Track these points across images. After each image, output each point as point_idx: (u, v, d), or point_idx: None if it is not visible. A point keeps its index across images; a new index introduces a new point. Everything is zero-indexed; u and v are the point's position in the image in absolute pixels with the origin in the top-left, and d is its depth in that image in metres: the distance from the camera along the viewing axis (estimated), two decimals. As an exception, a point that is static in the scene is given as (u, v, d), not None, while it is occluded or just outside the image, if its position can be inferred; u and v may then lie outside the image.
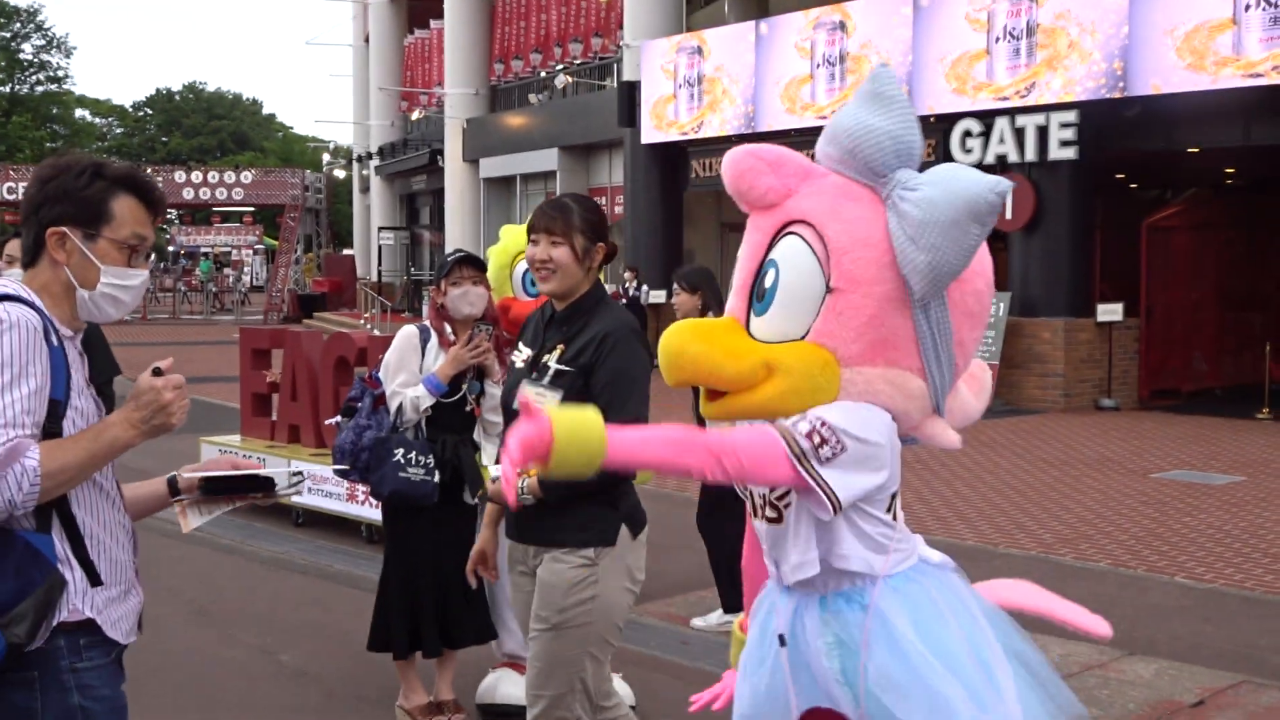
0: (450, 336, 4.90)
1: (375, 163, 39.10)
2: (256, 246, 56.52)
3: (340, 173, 50.43)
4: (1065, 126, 15.61)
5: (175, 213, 54.38)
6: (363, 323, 28.31)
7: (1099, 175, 16.66)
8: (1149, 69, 14.71)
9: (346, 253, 45.29)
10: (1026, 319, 15.91)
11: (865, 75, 13.72)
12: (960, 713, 2.33)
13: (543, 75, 28.40)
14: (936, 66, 16.88)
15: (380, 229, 39.10)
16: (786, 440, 2.31)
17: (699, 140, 21.04)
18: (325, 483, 8.32)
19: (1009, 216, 15.92)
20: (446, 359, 4.85)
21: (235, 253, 56.31)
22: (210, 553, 8.07)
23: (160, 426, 2.47)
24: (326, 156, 55.84)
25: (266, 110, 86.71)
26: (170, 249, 56.46)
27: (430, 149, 33.16)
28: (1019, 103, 15.96)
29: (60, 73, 65.32)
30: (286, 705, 5.42)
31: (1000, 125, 16.23)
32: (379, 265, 38.41)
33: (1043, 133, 15.80)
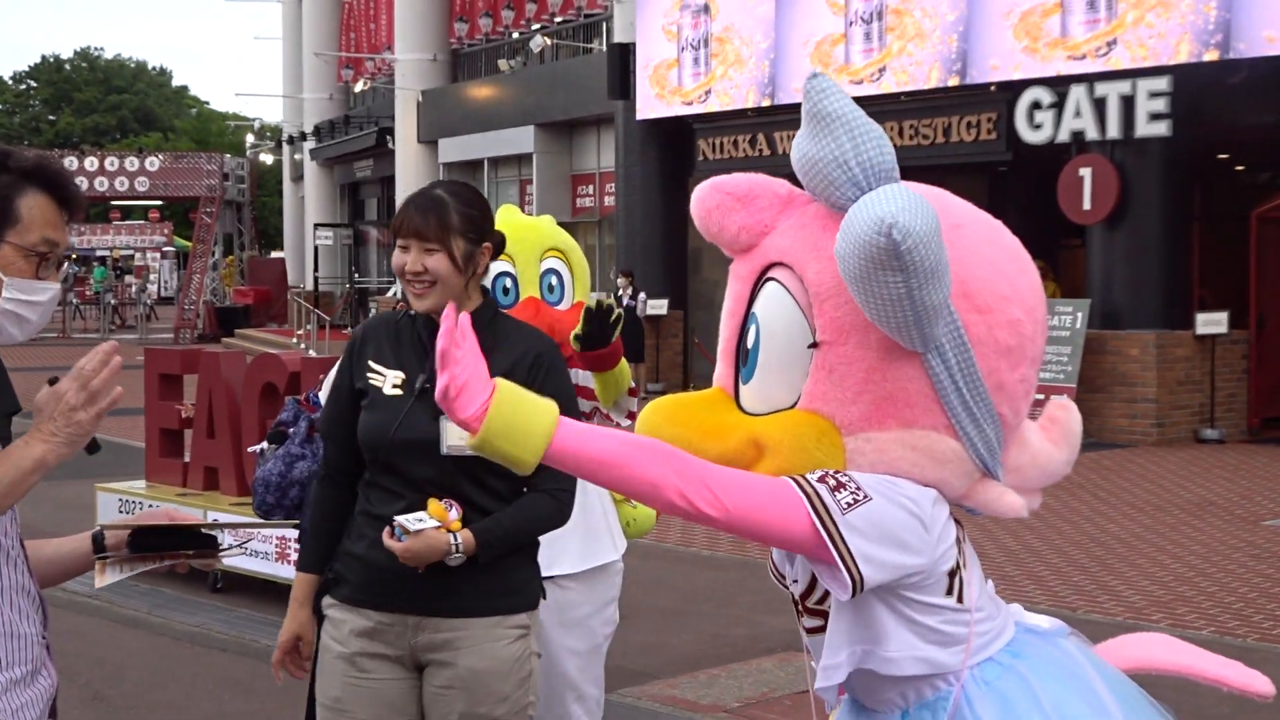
0: None
1: (310, 145, 39.14)
2: (165, 249, 56.60)
3: (267, 157, 50.45)
4: (1156, 96, 15.69)
5: (66, 209, 54.18)
6: (295, 341, 28.27)
7: (1197, 156, 16.75)
8: (1261, 20, 14.81)
9: (275, 256, 45.39)
10: (1110, 332, 15.94)
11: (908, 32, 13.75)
12: None
13: (515, 37, 28.49)
14: (1002, 22, 16.98)
15: (316, 226, 38.94)
16: (796, 479, 2.29)
17: (707, 115, 21.16)
18: (250, 538, 8.32)
19: (1087, 207, 16.01)
20: None
21: (139, 257, 56.24)
22: (109, 625, 8.06)
23: (76, 434, 2.44)
24: (250, 138, 55.90)
25: (177, 82, 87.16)
26: (70, 254, 56.32)
27: (378, 128, 33.21)
28: (1098, 67, 16.06)
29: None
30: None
31: (1076, 95, 16.31)
32: (315, 271, 38.28)
33: (1128, 104, 15.88)
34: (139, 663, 7.48)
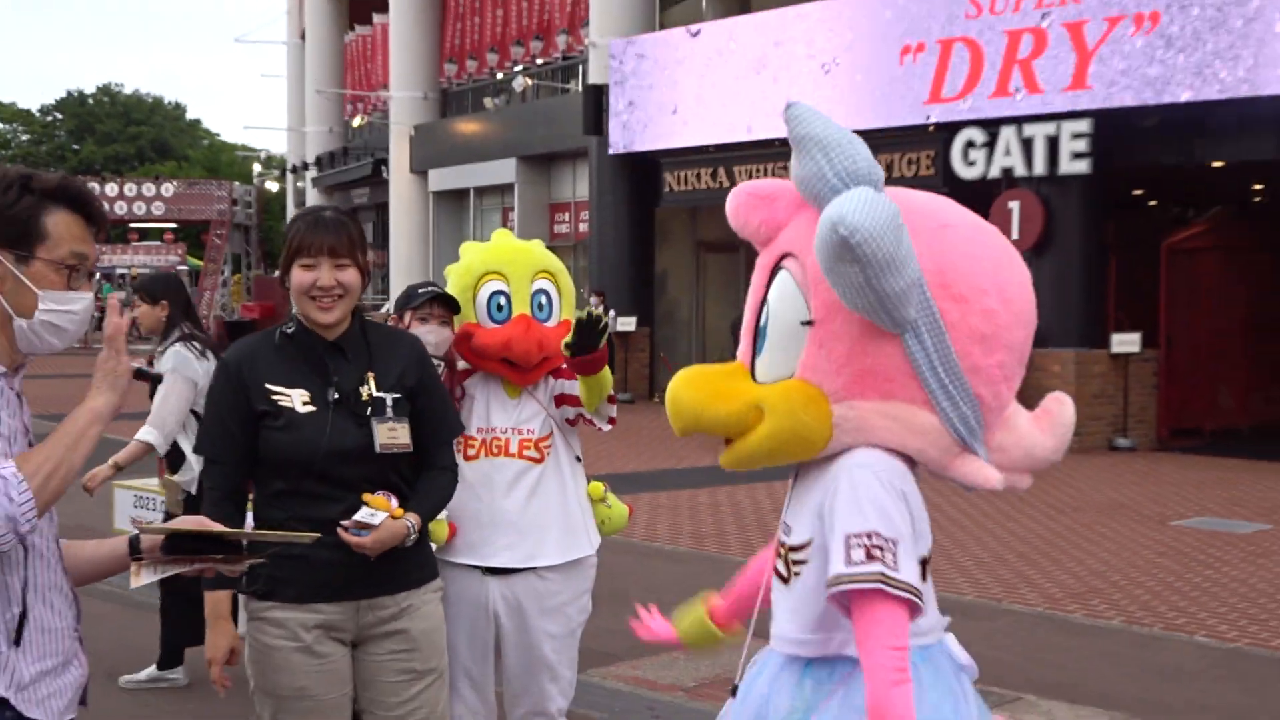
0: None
1: (312, 174, 39.06)
2: (179, 267, 56.11)
3: (273, 185, 50.30)
4: (1077, 138, 15.80)
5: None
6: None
7: (1114, 192, 16.86)
8: (1171, 73, 14.94)
9: (278, 274, 45.11)
10: (1034, 350, 15.54)
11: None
12: None
13: (499, 77, 28.46)
14: (910, 64, 17.08)
15: (317, 248, 39.02)
16: (845, 585, 2.35)
17: (673, 150, 21.17)
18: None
19: (1015, 236, 16.07)
20: None
21: (154, 274, 55.96)
22: (123, 610, 8.01)
23: (116, 380, 2.51)
24: (257, 167, 55.65)
25: (190, 115, 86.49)
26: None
27: (373, 159, 33.16)
28: (1026, 110, 16.17)
29: (-44, 73, 65.05)
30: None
31: (1006, 135, 16.41)
32: (315, 289, 38.32)
33: (1053, 144, 15.99)
34: (152, 643, 7.44)
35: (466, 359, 4.94)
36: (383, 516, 3.40)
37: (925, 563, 2.50)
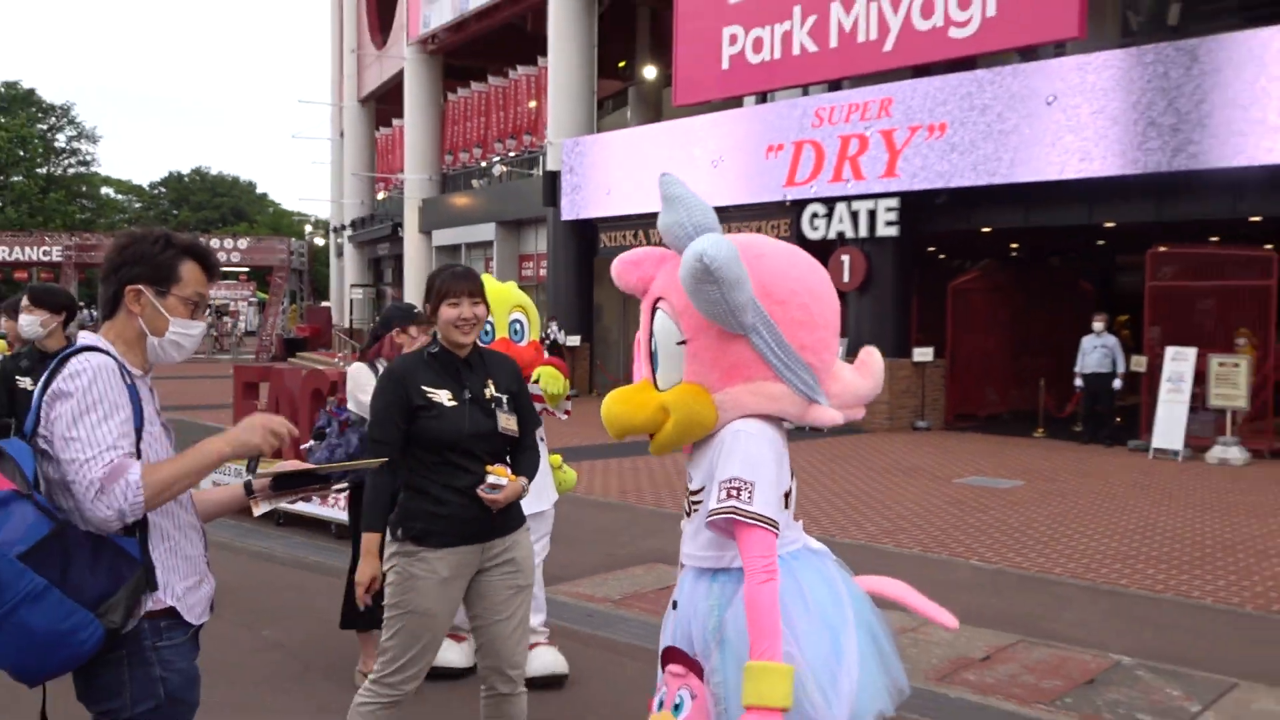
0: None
1: (348, 233, 38.64)
2: (250, 299, 55.33)
3: (320, 241, 49.73)
4: (890, 210, 15.97)
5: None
6: (337, 361, 27.87)
7: (916, 249, 17.05)
8: (952, 168, 15.15)
9: (324, 305, 44.57)
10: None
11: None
12: (792, 657, 2.38)
13: (483, 165, 28.34)
14: (773, 159, 17.19)
15: (352, 286, 38.64)
16: (712, 517, 2.40)
17: (607, 218, 21.13)
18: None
19: (846, 280, 16.24)
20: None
21: (232, 304, 55.00)
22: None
23: (246, 443, 2.48)
24: (308, 227, 55.08)
25: (260, 190, 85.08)
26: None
27: (392, 223, 32.86)
28: (854, 191, 16.32)
29: (88, 157, 63.38)
30: (266, 674, 5.31)
31: (840, 209, 16.56)
32: (351, 315, 37.96)
33: (872, 215, 16.15)
34: (226, 573, 7.20)
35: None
36: (506, 480, 3.44)
37: (787, 495, 2.52)
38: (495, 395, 3.57)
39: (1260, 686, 5.14)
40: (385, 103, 36.42)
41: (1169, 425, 13.30)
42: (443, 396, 3.49)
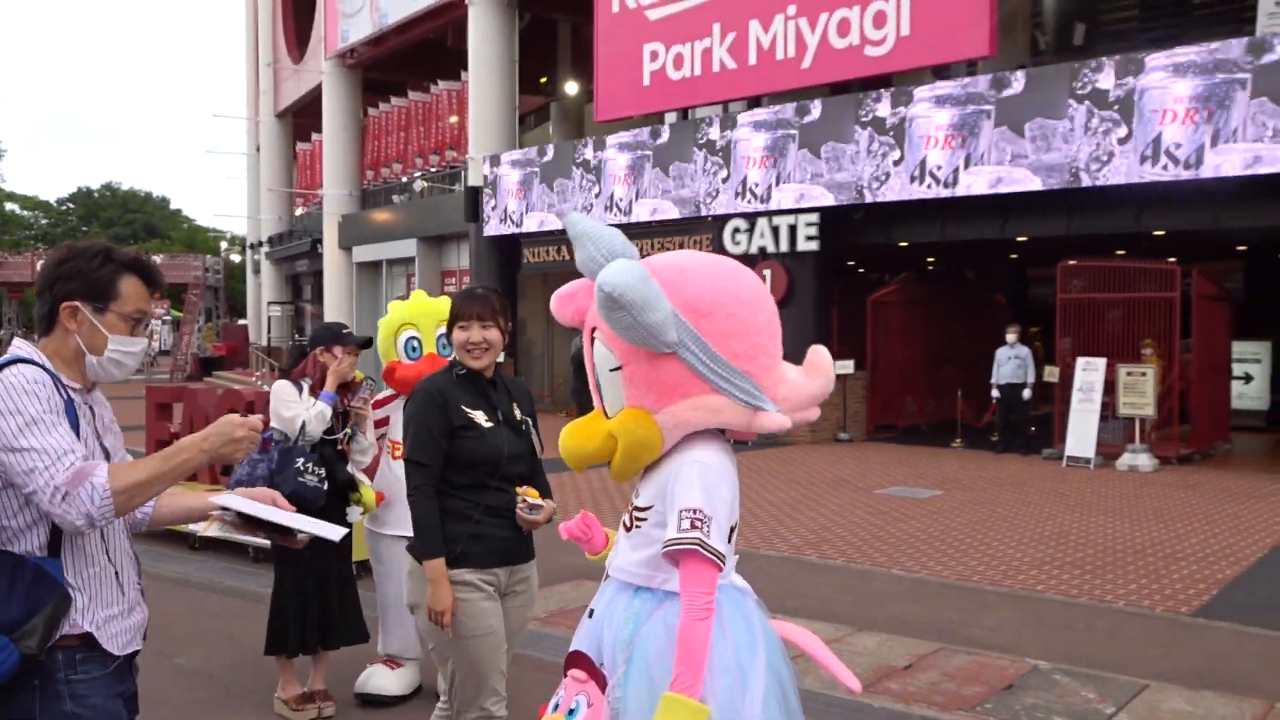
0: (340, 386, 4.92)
1: (265, 249, 37.92)
2: (165, 317, 53.97)
3: (236, 257, 48.69)
4: (810, 225, 16.16)
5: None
6: (255, 380, 27.33)
7: (836, 263, 17.28)
8: (867, 178, 15.42)
9: (241, 323, 43.70)
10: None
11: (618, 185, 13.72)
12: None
13: (404, 180, 28.07)
14: (718, 183, 17.33)
15: (269, 303, 37.93)
16: (673, 546, 2.38)
17: (529, 234, 21.07)
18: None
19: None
20: (332, 375, 4.81)
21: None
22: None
23: (224, 455, 2.38)
24: (224, 244, 53.94)
25: (174, 206, 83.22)
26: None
27: (311, 239, 32.32)
28: (774, 207, 16.50)
29: (-9, 173, 61.59)
30: (182, 702, 5.15)
31: (761, 224, 16.72)
32: (268, 332, 37.25)
33: (792, 230, 16.34)
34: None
35: (392, 386, 4.99)
36: (539, 503, 3.41)
37: (733, 529, 2.49)
38: (521, 417, 3.57)
39: (1170, 687, 5.29)
40: (303, 117, 35.88)
41: (1081, 434, 13.66)
42: (479, 417, 3.46)
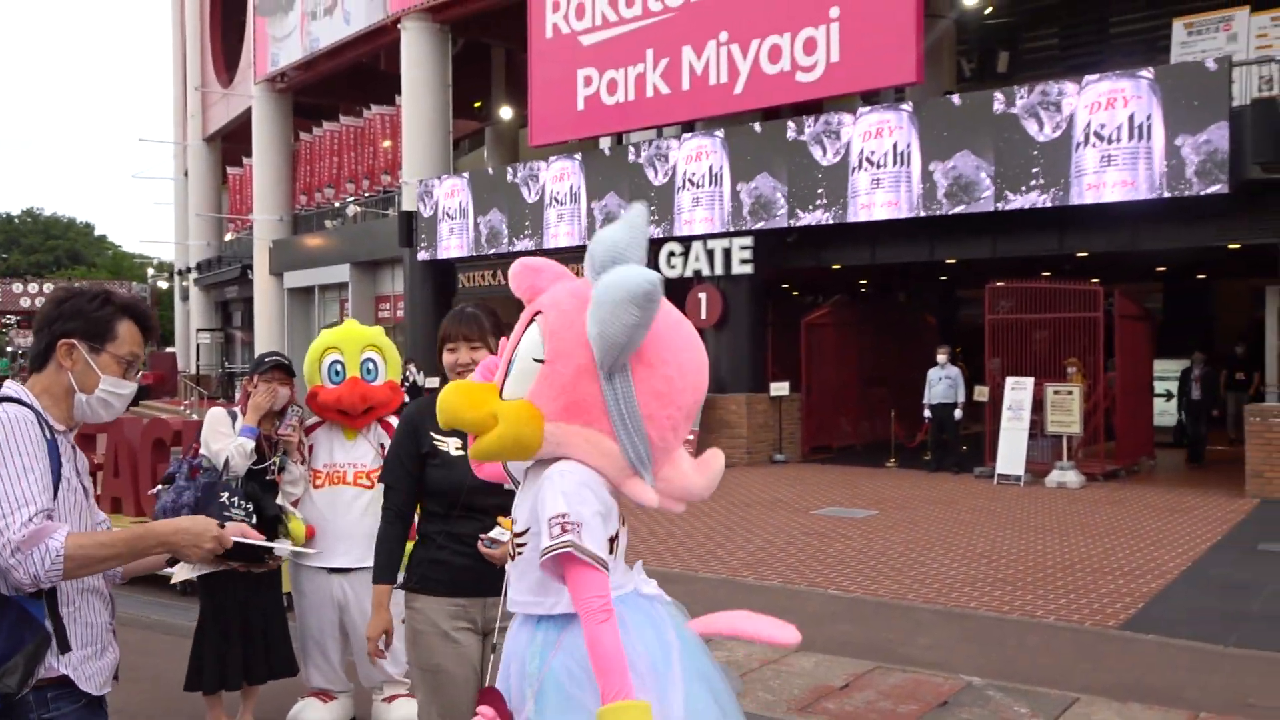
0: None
1: (194, 276, 37.27)
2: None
3: (163, 284, 47.83)
4: (744, 249, 16.31)
5: (14, 319, 50.15)
6: (183, 408, 26.75)
7: (769, 286, 17.44)
8: (797, 201, 15.60)
9: (169, 350, 42.79)
10: (718, 395, 16.37)
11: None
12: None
13: (336, 205, 27.80)
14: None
15: (198, 330, 37.28)
16: (547, 553, 2.32)
17: (464, 258, 20.96)
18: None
19: (704, 317, 16.48)
20: (250, 408, 4.72)
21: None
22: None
23: (185, 553, 2.45)
24: (151, 270, 52.84)
25: (98, 232, 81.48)
26: (9, 349, 51.86)
27: (241, 264, 31.88)
28: (707, 231, 16.62)
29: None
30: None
31: (696, 248, 16.83)
32: (197, 360, 36.61)
33: (727, 254, 16.47)
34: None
35: (315, 410, 4.87)
36: (505, 536, 3.17)
37: (613, 539, 2.43)
38: None
39: (1099, 699, 5.38)
40: (233, 141, 35.42)
41: (1011, 452, 13.91)
42: (451, 445, 3.37)
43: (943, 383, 15.23)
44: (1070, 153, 13.15)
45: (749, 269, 16.27)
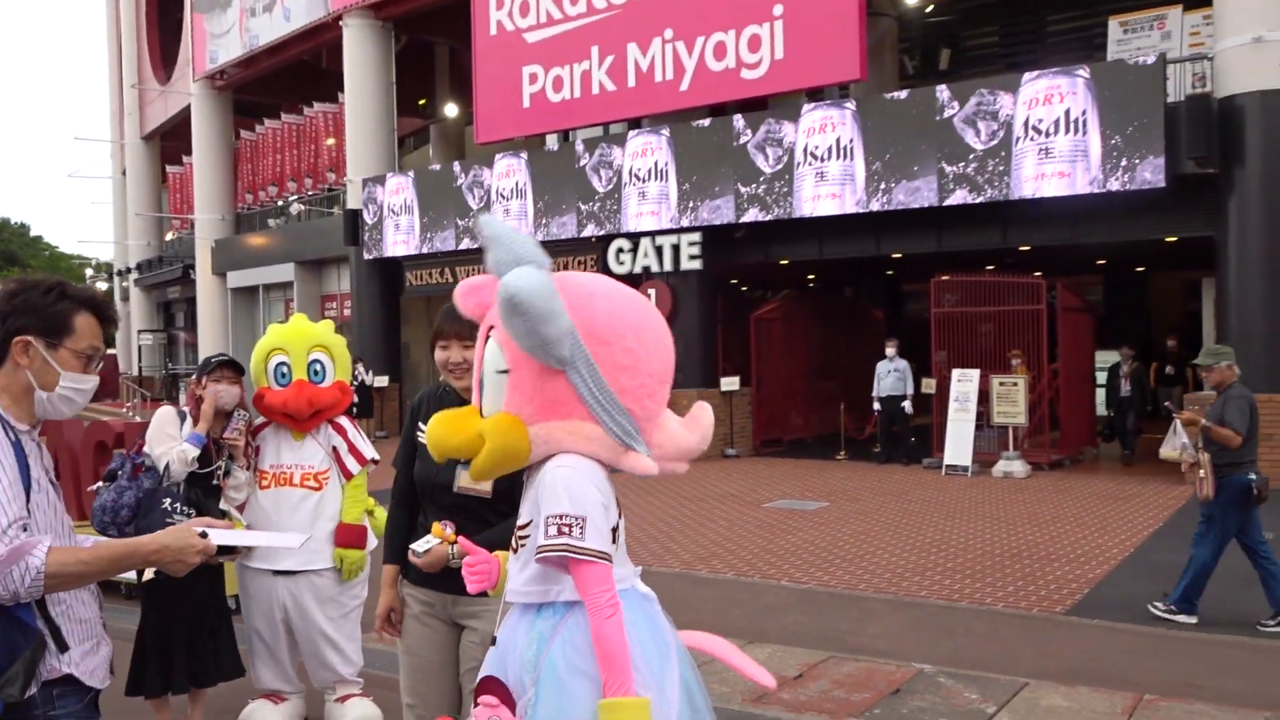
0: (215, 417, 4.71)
1: (134, 276, 36.59)
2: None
3: (103, 285, 46.77)
4: (693, 245, 16.36)
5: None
6: (126, 410, 26.28)
7: (719, 281, 17.51)
8: (746, 201, 15.69)
9: (110, 352, 41.95)
10: (671, 391, 16.35)
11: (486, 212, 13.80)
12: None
13: (280, 204, 27.43)
14: (578, 201, 17.39)
15: (140, 331, 36.58)
16: (546, 555, 2.33)
17: (411, 256, 20.79)
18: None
19: (653, 313, 16.48)
20: (200, 416, 4.63)
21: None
22: None
23: (169, 568, 2.40)
24: (90, 271, 51.79)
25: (34, 232, 79.49)
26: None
27: (183, 264, 31.33)
28: (656, 226, 16.64)
29: None
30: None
31: (644, 244, 16.84)
32: (139, 362, 35.90)
33: (675, 250, 16.51)
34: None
35: (261, 412, 4.78)
36: (434, 543, 3.18)
37: (615, 529, 2.47)
38: None
39: (1048, 684, 5.47)
40: (172, 140, 34.77)
41: (958, 443, 14.10)
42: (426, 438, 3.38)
43: (891, 375, 15.39)
44: (1010, 148, 13.36)
45: (698, 264, 16.32)
